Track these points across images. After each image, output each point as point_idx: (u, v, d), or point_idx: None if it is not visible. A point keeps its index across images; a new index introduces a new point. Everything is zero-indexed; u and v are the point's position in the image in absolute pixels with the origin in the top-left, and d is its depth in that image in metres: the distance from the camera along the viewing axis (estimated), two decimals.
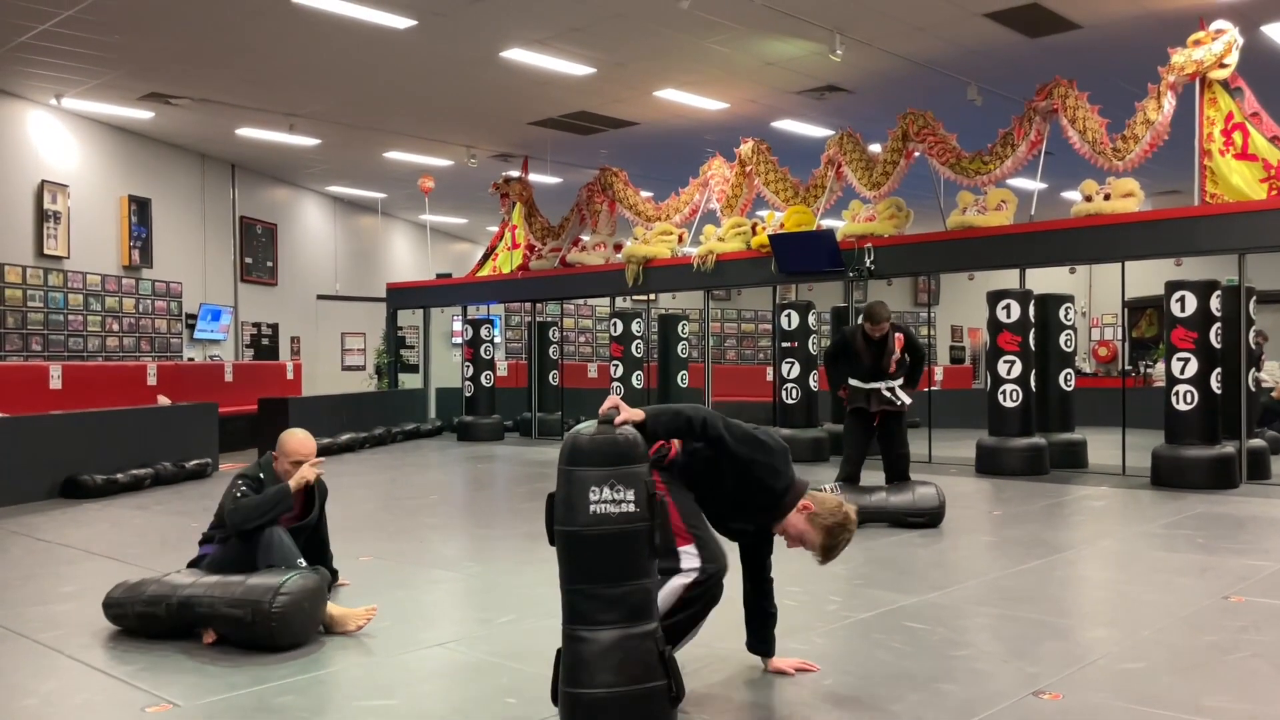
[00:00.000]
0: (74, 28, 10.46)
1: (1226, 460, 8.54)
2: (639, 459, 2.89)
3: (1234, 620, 4.34)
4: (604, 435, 2.88)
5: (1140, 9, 9.92)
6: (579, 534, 2.84)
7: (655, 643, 2.86)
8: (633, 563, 2.85)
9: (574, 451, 2.88)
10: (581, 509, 2.82)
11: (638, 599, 2.85)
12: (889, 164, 11.04)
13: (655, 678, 2.83)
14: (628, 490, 2.82)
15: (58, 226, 13.69)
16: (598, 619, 2.83)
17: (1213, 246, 9.12)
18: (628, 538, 2.82)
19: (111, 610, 4.25)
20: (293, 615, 3.94)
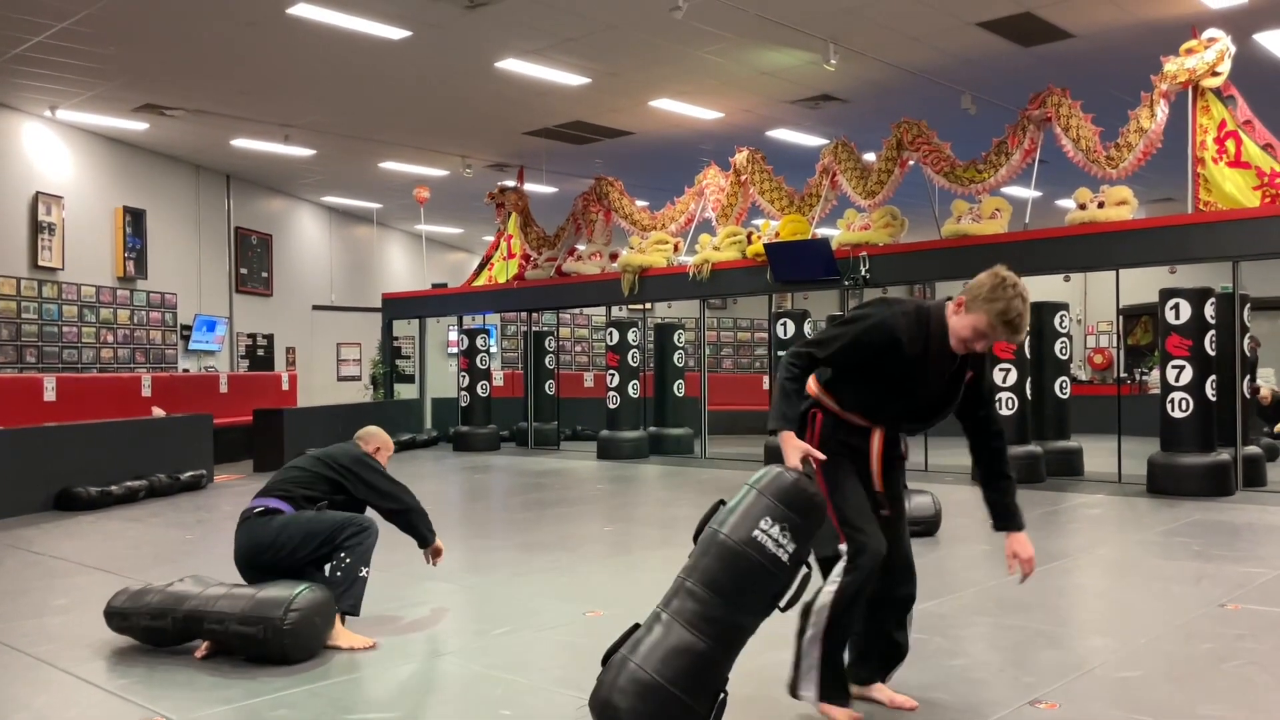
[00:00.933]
0: (69, 40, 10.46)
1: (1222, 467, 8.54)
2: (818, 525, 2.97)
3: (1230, 628, 4.33)
4: (807, 485, 2.96)
5: (1133, 18, 9.96)
6: (726, 542, 2.89)
7: (718, 676, 2.87)
8: (749, 598, 2.89)
9: (774, 484, 2.95)
10: (746, 526, 2.89)
11: (728, 632, 2.87)
12: (883, 173, 11.07)
13: (697, 700, 2.81)
14: (792, 543, 2.89)
15: (52, 238, 13.67)
16: (686, 617, 2.87)
17: (1207, 254, 9.14)
18: (761, 576, 2.87)
19: (114, 621, 4.20)
20: (304, 630, 3.92)
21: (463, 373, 14.60)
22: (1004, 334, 3.06)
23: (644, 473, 11.32)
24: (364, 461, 4.73)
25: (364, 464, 4.70)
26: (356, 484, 4.61)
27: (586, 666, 3.95)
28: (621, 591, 5.35)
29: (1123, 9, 9.77)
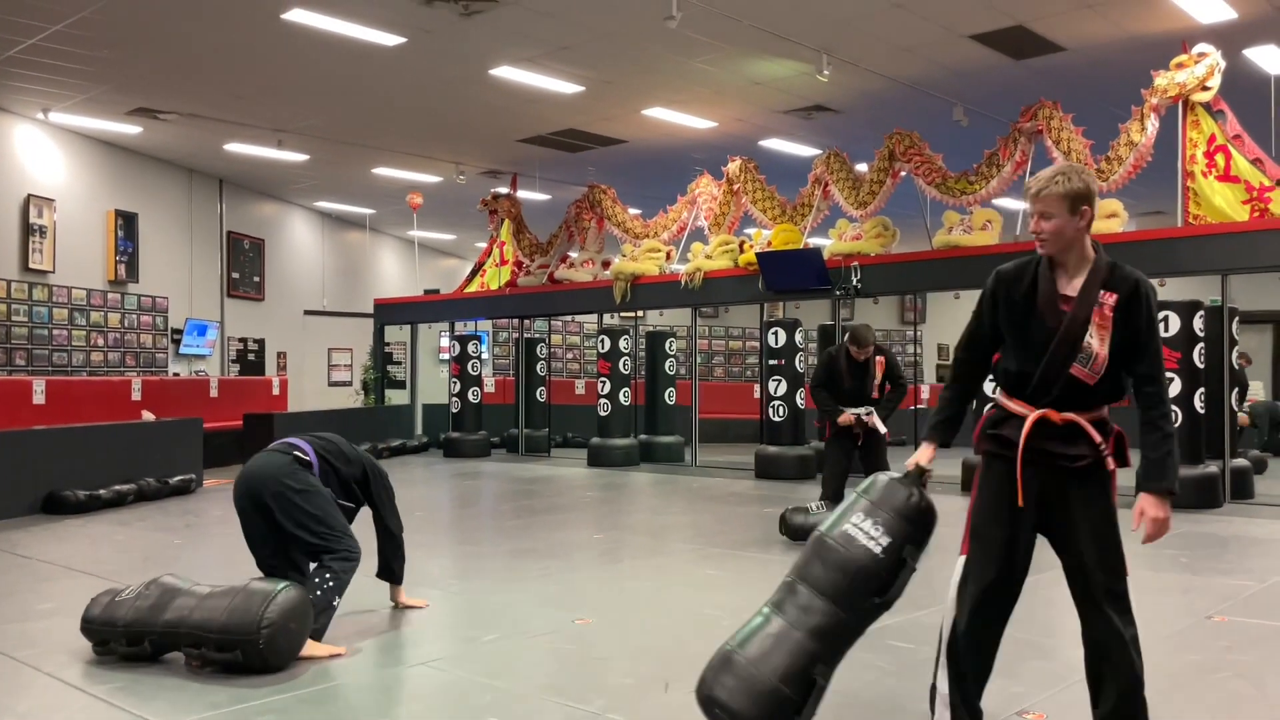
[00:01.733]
0: (62, 42, 10.44)
1: (1210, 480, 8.58)
2: (919, 525, 2.96)
3: (1217, 640, 4.35)
4: (902, 483, 3.00)
5: (1124, 32, 10.03)
6: (822, 538, 2.99)
7: (815, 666, 2.90)
8: (845, 590, 2.91)
9: (871, 486, 3.03)
10: (841, 524, 2.98)
11: (826, 622, 2.91)
12: (875, 183, 11.11)
13: (790, 687, 2.87)
14: (885, 535, 2.91)
15: (43, 240, 13.63)
16: (786, 610, 2.94)
17: (1196, 267, 9.19)
18: (853, 569, 2.91)
19: (93, 637, 4.12)
20: (280, 642, 3.89)
21: (454, 379, 14.59)
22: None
23: (634, 480, 11.32)
24: (387, 476, 4.94)
25: (386, 478, 4.91)
26: (380, 489, 4.80)
27: (575, 674, 3.96)
28: (611, 599, 5.35)
29: (1114, 23, 9.84)
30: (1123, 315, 2.79)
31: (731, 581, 5.74)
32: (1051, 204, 2.79)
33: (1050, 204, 2.79)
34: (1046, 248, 2.85)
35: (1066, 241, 2.81)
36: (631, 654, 4.21)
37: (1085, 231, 2.82)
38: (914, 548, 2.94)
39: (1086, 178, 2.83)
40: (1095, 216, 2.88)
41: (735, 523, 7.94)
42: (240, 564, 4.19)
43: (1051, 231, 2.81)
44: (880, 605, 2.94)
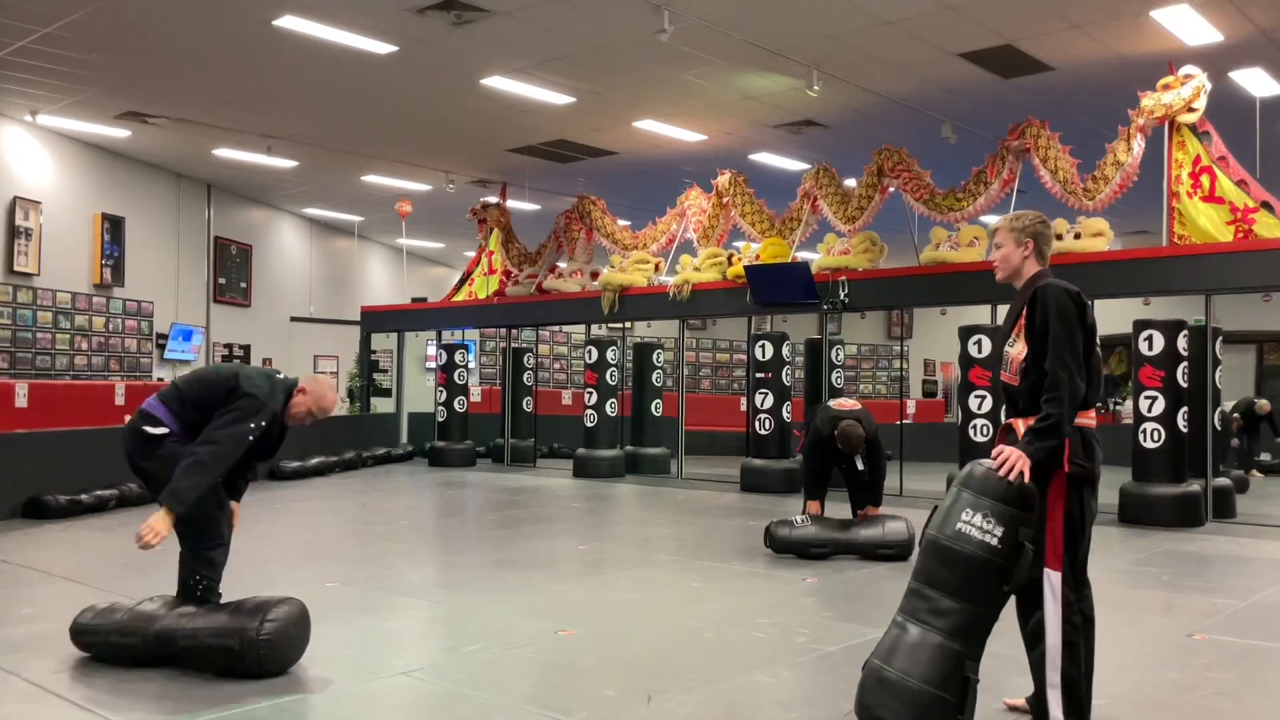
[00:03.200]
0: (51, 45, 10.41)
1: (1193, 498, 8.63)
2: (1023, 506, 3.07)
3: (1198, 658, 4.37)
4: (992, 470, 3.11)
5: (1111, 53, 10.12)
6: (937, 540, 3.11)
7: (963, 664, 3.03)
8: (971, 586, 3.06)
9: (969, 477, 3.16)
10: (951, 522, 3.09)
11: (962, 620, 3.05)
12: (864, 199, 11.16)
13: (947, 690, 3.00)
14: (998, 526, 3.04)
15: (29, 243, 13.55)
16: (920, 617, 3.10)
17: (1180, 287, 9.26)
18: (975, 564, 3.04)
19: (82, 638, 4.14)
20: (280, 641, 3.89)
21: (440, 388, 14.56)
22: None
23: (620, 492, 11.31)
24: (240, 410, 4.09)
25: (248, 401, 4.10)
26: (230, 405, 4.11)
27: (558, 685, 3.95)
28: (595, 611, 5.34)
29: (1102, 44, 9.93)
30: (1030, 321, 3.25)
31: (715, 594, 5.73)
32: (1001, 236, 3.45)
33: (1000, 236, 3.46)
34: (999, 274, 3.48)
35: (1012, 268, 3.43)
36: (614, 665, 4.20)
37: (1029, 260, 3.40)
38: (1026, 529, 3.07)
39: (1034, 220, 3.44)
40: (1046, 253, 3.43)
41: (720, 535, 7.94)
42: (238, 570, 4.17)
43: (999, 259, 3.46)
44: (1009, 592, 3.09)
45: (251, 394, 4.09)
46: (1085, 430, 3.18)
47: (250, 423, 4.07)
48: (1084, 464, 3.14)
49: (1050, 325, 3.16)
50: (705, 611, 5.22)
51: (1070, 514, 3.14)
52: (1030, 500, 3.10)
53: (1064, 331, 3.15)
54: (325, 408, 4.35)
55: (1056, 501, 3.12)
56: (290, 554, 7.01)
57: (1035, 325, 3.21)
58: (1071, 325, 3.17)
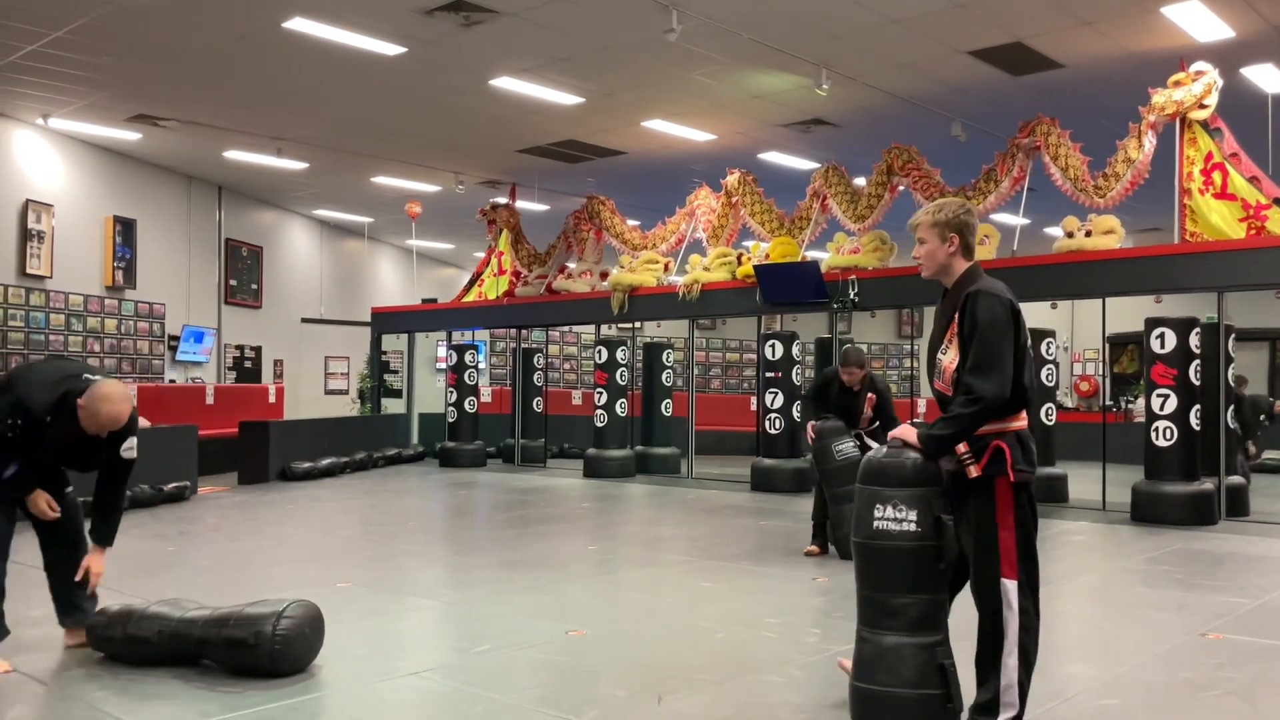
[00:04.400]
0: (63, 48, 10.46)
1: (1205, 496, 8.58)
2: (926, 483, 3.06)
3: (1211, 657, 4.35)
4: (893, 458, 3.11)
5: (1121, 50, 10.07)
6: (862, 545, 3.12)
7: (934, 654, 3.04)
8: (915, 577, 3.05)
9: (866, 471, 3.15)
10: (868, 522, 3.09)
11: (917, 612, 3.05)
12: (873, 197, 11.13)
13: (930, 686, 3.01)
14: (910, 511, 3.04)
15: (41, 246, 13.63)
16: (878, 623, 3.09)
17: (1192, 284, 9.20)
18: (905, 554, 3.04)
19: (95, 634, 4.18)
20: (295, 639, 3.92)
21: (451, 388, 14.58)
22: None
23: (630, 492, 11.31)
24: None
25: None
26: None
27: (567, 685, 3.95)
28: (605, 611, 5.34)
29: (1112, 41, 9.88)
30: (961, 329, 3.11)
31: (726, 594, 5.73)
32: (923, 231, 3.25)
33: (922, 231, 3.26)
34: (923, 271, 3.30)
35: (938, 265, 3.24)
36: (625, 666, 4.20)
37: (955, 257, 3.22)
38: (941, 502, 3.06)
39: (958, 210, 3.23)
40: (972, 246, 3.24)
41: (730, 535, 7.93)
42: (233, 572, 4.18)
43: (923, 255, 3.27)
44: (946, 568, 3.08)
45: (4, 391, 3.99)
46: (1022, 435, 3.11)
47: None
48: (1026, 470, 3.08)
49: (978, 334, 3.04)
50: (716, 612, 5.21)
51: (1021, 521, 3.08)
52: (931, 475, 3.07)
53: (992, 342, 3.03)
54: (103, 424, 4.04)
55: (1006, 512, 3.06)
56: (301, 554, 7.03)
57: (964, 334, 3.08)
58: (1001, 335, 3.05)
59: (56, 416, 4.01)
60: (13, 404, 3.96)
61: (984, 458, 3.04)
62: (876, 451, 3.19)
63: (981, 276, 3.19)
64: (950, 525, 3.04)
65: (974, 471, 3.04)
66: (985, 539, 3.07)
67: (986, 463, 3.04)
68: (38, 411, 3.99)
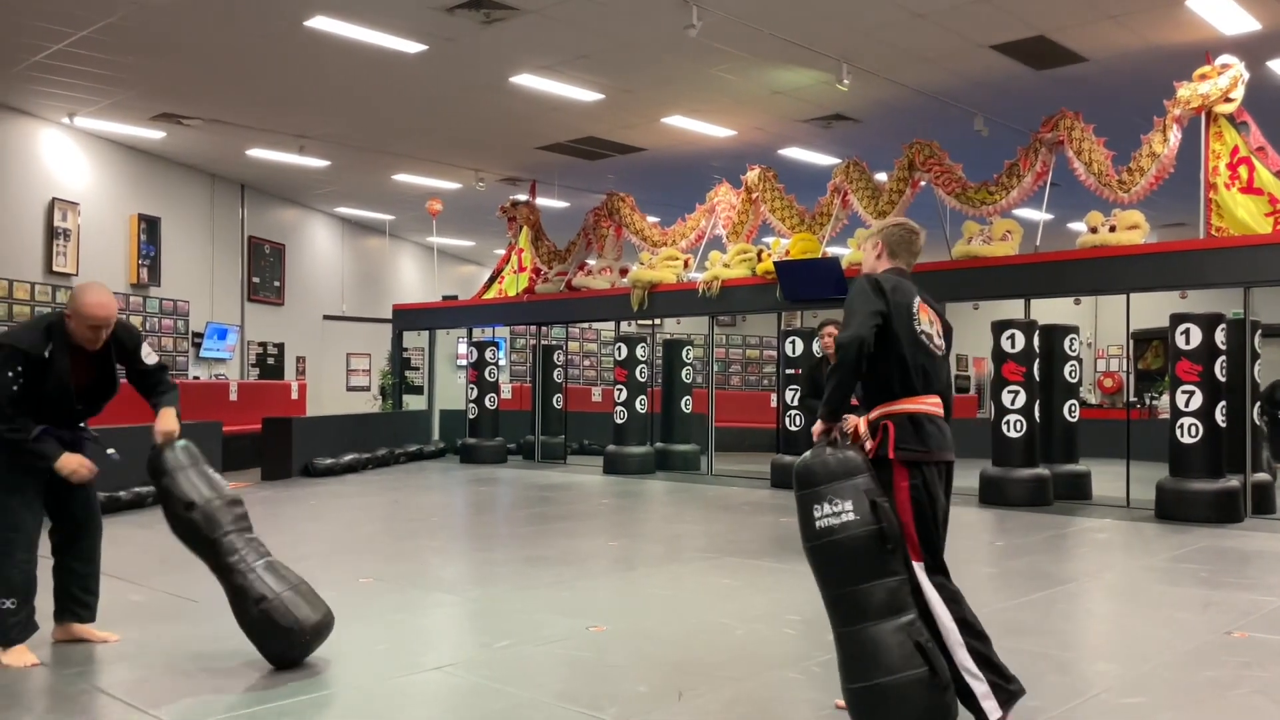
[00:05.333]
0: (88, 48, 10.56)
1: (1231, 494, 8.50)
2: (850, 473, 3.14)
3: (1236, 656, 4.31)
4: (816, 457, 3.19)
5: (1146, 43, 9.98)
6: (812, 548, 3.16)
7: (909, 634, 3.05)
8: (868, 566, 3.08)
9: (796, 478, 3.21)
10: (810, 526, 3.14)
11: (880, 597, 3.07)
12: (895, 193, 11.08)
13: (914, 666, 3.02)
14: (844, 501, 3.10)
15: (67, 244, 13.77)
16: (850, 621, 3.10)
17: (1218, 280, 9.12)
18: (852, 546, 3.08)
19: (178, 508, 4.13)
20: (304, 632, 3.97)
21: (471, 385, 14.63)
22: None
23: (650, 488, 11.31)
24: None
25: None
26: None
27: (588, 681, 3.96)
28: (625, 607, 5.34)
29: (1136, 34, 9.80)
30: None
31: (746, 590, 5.72)
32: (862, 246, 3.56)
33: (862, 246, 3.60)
34: None
35: (867, 268, 3.51)
36: (645, 662, 4.21)
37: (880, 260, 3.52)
38: (875, 486, 3.12)
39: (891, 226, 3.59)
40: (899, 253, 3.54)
41: (750, 532, 7.93)
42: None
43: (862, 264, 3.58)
44: (894, 550, 3.10)
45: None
46: (915, 416, 3.21)
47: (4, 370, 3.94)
48: (912, 448, 3.18)
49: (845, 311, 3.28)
50: (736, 608, 5.21)
51: (916, 500, 3.17)
52: (853, 464, 3.14)
53: (853, 304, 3.24)
54: (94, 318, 4.02)
55: (901, 493, 3.17)
56: (323, 550, 7.07)
57: None
58: (863, 298, 3.25)
59: (55, 349, 4.03)
60: (7, 355, 3.97)
61: (877, 437, 3.21)
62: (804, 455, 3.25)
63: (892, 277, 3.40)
64: (885, 505, 3.12)
65: (870, 449, 3.20)
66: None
67: (879, 442, 3.20)
68: (32, 348, 3.99)
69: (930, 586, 3.17)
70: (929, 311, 3.39)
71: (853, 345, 3.17)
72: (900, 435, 3.19)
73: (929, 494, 3.20)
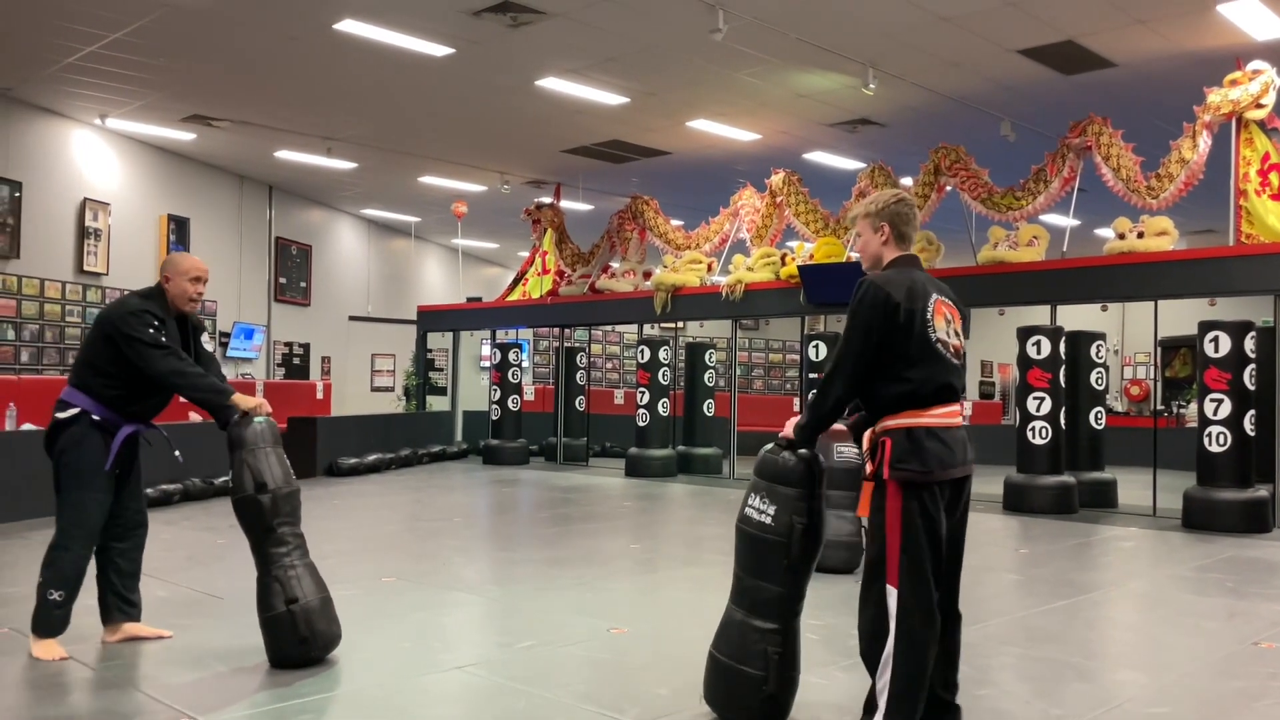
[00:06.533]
0: (120, 50, 10.69)
1: (1259, 503, 8.40)
2: (793, 483, 3.20)
3: (1263, 666, 4.26)
4: (771, 454, 3.29)
5: (1176, 48, 9.90)
6: (736, 527, 3.34)
7: (765, 641, 3.22)
8: (760, 565, 3.25)
9: (758, 462, 3.32)
10: (743, 507, 3.31)
11: (760, 597, 3.25)
12: (920, 197, 11.02)
13: (751, 665, 3.22)
14: (771, 505, 3.21)
15: (98, 244, 13.93)
16: (734, 599, 3.34)
17: (1248, 287, 9.02)
18: (758, 543, 3.25)
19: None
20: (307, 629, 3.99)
21: (494, 386, 14.68)
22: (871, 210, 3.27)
23: (672, 491, 11.31)
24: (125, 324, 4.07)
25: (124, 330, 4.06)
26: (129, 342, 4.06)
27: (609, 682, 3.97)
28: (646, 609, 5.35)
29: (1166, 39, 9.71)
30: None
31: None
32: (860, 224, 3.22)
33: (859, 224, 3.22)
34: (864, 266, 3.24)
35: (873, 257, 3.20)
36: (666, 664, 4.21)
37: (887, 246, 3.16)
38: (800, 503, 3.18)
39: (889, 202, 3.16)
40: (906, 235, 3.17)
41: None
42: None
43: (860, 247, 3.25)
44: (791, 568, 3.20)
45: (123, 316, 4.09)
46: (915, 432, 2.93)
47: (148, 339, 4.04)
48: (909, 468, 2.91)
49: (846, 323, 3.04)
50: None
51: (907, 526, 2.91)
52: (800, 477, 3.18)
53: (847, 334, 2.99)
54: (189, 268, 4.26)
55: (893, 514, 2.92)
56: (347, 549, 7.12)
57: None
58: (856, 327, 2.97)
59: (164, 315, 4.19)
60: (145, 315, 4.09)
61: (877, 454, 2.98)
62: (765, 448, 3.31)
63: (899, 268, 3.11)
64: (800, 530, 3.14)
65: (869, 468, 3.04)
66: (877, 538, 2.97)
67: (877, 460, 2.98)
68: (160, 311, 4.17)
69: (894, 622, 2.91)
70: (946, 309, 3.05)
71: (830, 399, 3.03)
72: (896, 453, 2.92)
73: (925, 518, 2.92)
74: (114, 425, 4.15)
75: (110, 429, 4.14)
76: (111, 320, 4.11)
